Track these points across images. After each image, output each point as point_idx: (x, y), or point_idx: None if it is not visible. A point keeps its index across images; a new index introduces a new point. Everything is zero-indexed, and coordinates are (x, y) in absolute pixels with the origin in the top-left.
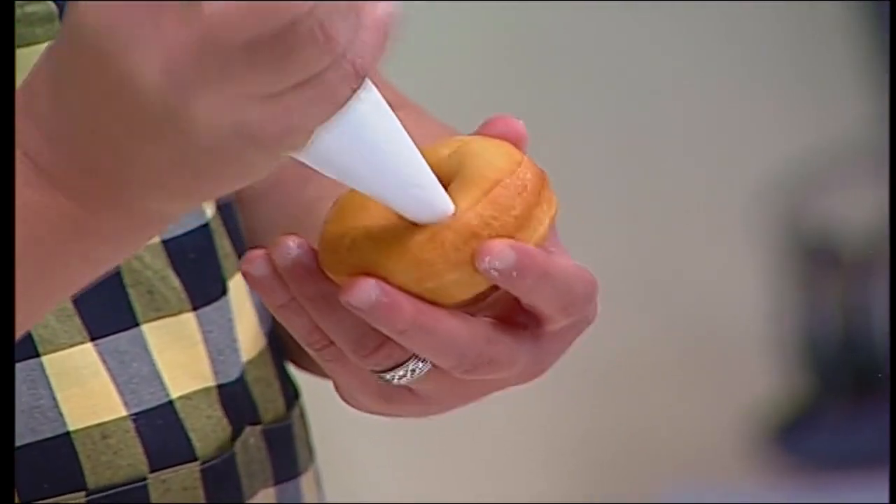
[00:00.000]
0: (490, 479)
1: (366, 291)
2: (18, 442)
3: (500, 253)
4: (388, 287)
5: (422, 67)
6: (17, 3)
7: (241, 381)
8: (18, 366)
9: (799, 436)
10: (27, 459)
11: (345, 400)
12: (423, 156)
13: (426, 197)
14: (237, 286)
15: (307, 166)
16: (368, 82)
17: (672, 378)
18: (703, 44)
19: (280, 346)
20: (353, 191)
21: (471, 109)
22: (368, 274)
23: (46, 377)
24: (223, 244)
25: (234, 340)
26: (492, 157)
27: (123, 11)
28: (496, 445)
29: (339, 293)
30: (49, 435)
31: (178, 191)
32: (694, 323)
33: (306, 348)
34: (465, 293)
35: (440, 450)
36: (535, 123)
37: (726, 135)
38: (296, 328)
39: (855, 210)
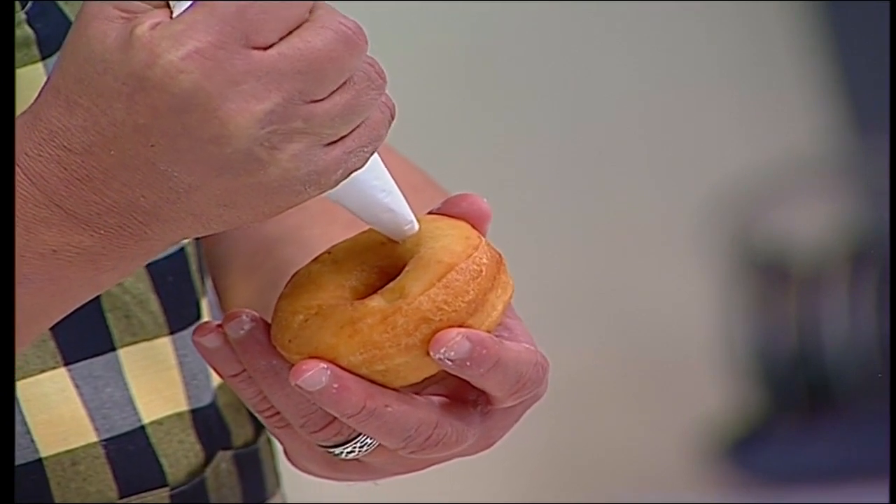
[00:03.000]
0: (449, 493)
1: (315, 376)
2: None
3: (454, 344)
4: (338, 371)
5: None
6: None
7: (213, 405)
8: None
9: (751, 451)
10: None
11: (293, 463)
12: (376, 232)
13: (397, 218)
14: (204, 310)
15: None
16: None
17: (624, 394)
18: (653, 61)
19: None
20: (307, 267)
21: (425, 123)
22: (319, 354)
23: (18, 403)
24: (194, 267)
25: (207, 365)
26: (448, 241)
27: (223, 66)
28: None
29: (290, 375)
30: (20, 462)
31: (213, 224)
32: (646, 339)
33: (256, 415)
34: (415, 376)
35: (405, 476)
36: (483, 141)
37: (676, 151)
38: (246, 397)
39: (806, 225)
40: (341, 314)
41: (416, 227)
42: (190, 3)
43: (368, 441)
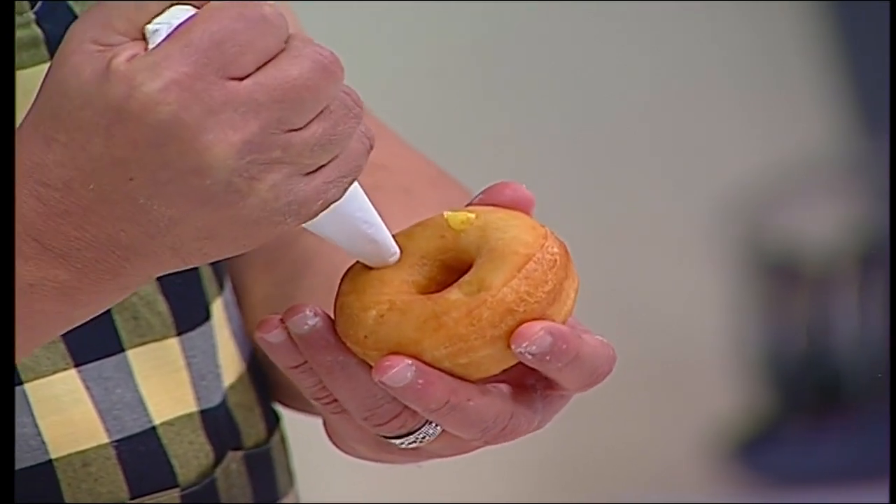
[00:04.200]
0: (454, 493)
1: (401, 372)
2: None
3: (536, 338)
4: (422, 367)
5: (386, 78)
6: None
7: (223, 406)
8: None
9: (761, 452)
10: None
11: (337, 446)
12: (431, 225)
13: (381, 248)
14: (217, 311)
15: None
16: None
17: (635, 394)
18: (663, 61)
19: (261, 372)
20: (360, 263)
21: (434, 126)
22: (399, 350)
23: (29, 405)
24: (205, 268)
25: (217, 366)
26: (517, 231)
27: (200, 97)
28: (466, 459)
29: (373, 372)
30: (31, 463)
31: (192, 258)
32: (656, 339)
33: (312, 402)
34: (496, 368)
35: (417, 475)
36: (491, 143)
37: (686, 152)
38: (304, 386)
39: (816, 226)
40: (421, 309)
41: (399, 256)
42: (166, 34)
43: (431, 431)
